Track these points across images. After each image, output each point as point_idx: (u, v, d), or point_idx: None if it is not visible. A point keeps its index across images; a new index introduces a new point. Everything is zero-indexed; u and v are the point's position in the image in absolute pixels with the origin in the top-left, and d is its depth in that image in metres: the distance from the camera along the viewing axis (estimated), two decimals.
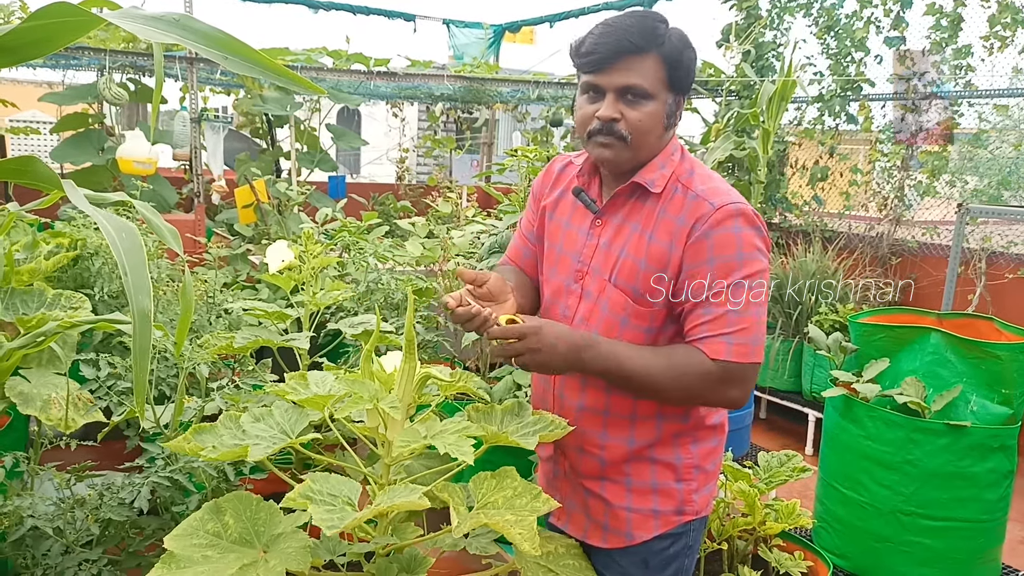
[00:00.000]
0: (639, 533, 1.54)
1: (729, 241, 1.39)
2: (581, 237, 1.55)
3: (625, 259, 1.47)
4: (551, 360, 1.36)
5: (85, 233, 2.90)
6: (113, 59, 5.04)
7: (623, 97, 1.41)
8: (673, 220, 1.43)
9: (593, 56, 1.41)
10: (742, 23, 5.72)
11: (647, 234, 1.45)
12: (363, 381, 1.37)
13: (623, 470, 1.54)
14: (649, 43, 1.39)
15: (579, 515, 1.62)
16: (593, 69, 1.42)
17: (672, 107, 1.46)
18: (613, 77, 1.40)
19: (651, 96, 1.41)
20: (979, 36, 4.60)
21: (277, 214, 4.98)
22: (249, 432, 1.36)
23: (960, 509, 2.60)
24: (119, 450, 2.09)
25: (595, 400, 1.52)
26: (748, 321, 1.39)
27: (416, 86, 6.45)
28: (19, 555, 1.57)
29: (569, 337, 1.38)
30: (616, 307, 1.47)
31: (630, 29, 1.39)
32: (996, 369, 2.63)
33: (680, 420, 1.53)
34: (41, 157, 1.15)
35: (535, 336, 1.34)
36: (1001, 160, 4.68)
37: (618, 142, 1.43)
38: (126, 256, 1.01)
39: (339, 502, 1.22)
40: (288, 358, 2.41)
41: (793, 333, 4.58)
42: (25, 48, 1.00)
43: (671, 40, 1.41)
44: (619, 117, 1.42)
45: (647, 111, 1.42)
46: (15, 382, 1.78)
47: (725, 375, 1.39)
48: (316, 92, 1.17)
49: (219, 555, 1.20)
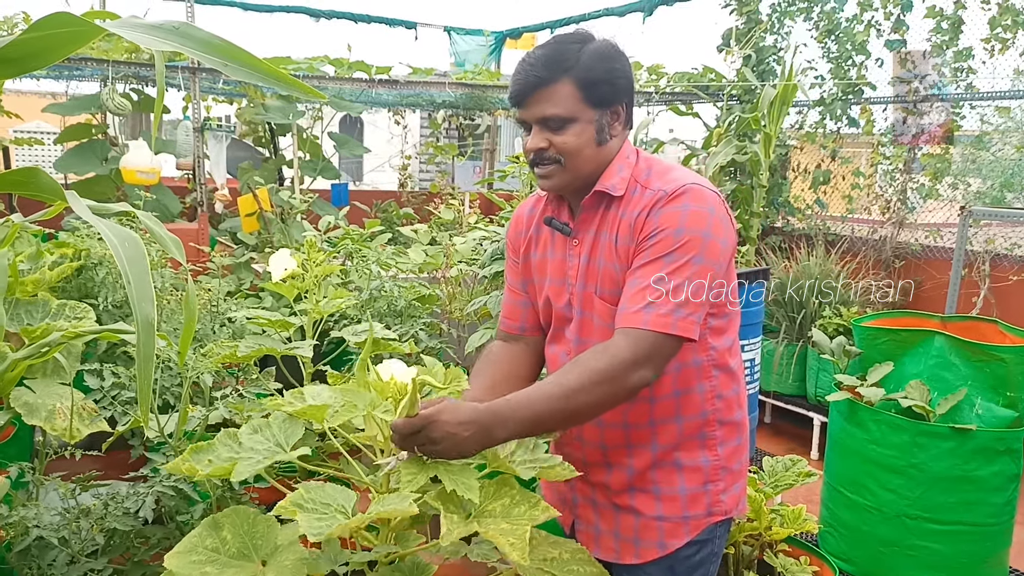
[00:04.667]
0: (671, 541, 1.54)
1: (672, 217, 1.41)
2: (564, 261, 1.58)
3: (604, 268, 1.49)
4: (459, 447, 1.26)
5: (89, 243, 2.91)
6: (116, 70, 5.06)
7: (546, 126, 1.46)
8: (631, 217, 1.46)
9: (512, 93, 1.49)
10: (743, 28, 5.73)
11: (613, 238, 1.48)
12: (358, 390, 1.37)
13: (650, 478, 1.54)
14: (555, 71, 1.43)
15: (608, 538, 1.60)
16: (515, 105, 1.49)
17: (601, 122, 1.48)
18: (531, 110, 1.46)
19: (570, 119, 1.45)
20: (980, 38, 4.60)
21: (280, 222, 4.99)
22: (245, 445, 1.36)
23: (966, 513, 2.58)
24: (124, 460, 2.09)
25: (611, 414, 1.49)
26: (671, 290, 1.36)
27: (418, 93, 6.46)
28: (25, 565, 1.57)
29: (474, 419, 1.27)
30: (606, 317, 1.48)
31: (536, 63, 1.44)
32: (1001, 372, 2.62)
33: (698, 417, 1.53)
34: (45, 167, 1.15)
35: (431, 425, 1.24)
36: (1004, 162, 4.67)
37: (555, 167, 1.48)
38: (129, 266, 1.01)
39: (331, 510, 1.22)
40: (292, 366, 2.41)
41: (797, 337, 4.58)
42: (27, 59, 1.01)
43: (583, 60, 1.43)
44: (546, 145, 1.46)
45: (572, 133, 1.45)
46: (20, 392, 1.79)
47: (619, 357, 1.34)
48: (317, 98, 1.17)
49: (218, 571, 1.20)
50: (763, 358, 4.23)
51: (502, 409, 1.30)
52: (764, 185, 5.04)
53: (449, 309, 3.52)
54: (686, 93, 6.31)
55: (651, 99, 6.52)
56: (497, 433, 1.29)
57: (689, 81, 6.17)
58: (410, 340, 2.60)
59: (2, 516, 1.57)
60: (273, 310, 3.18)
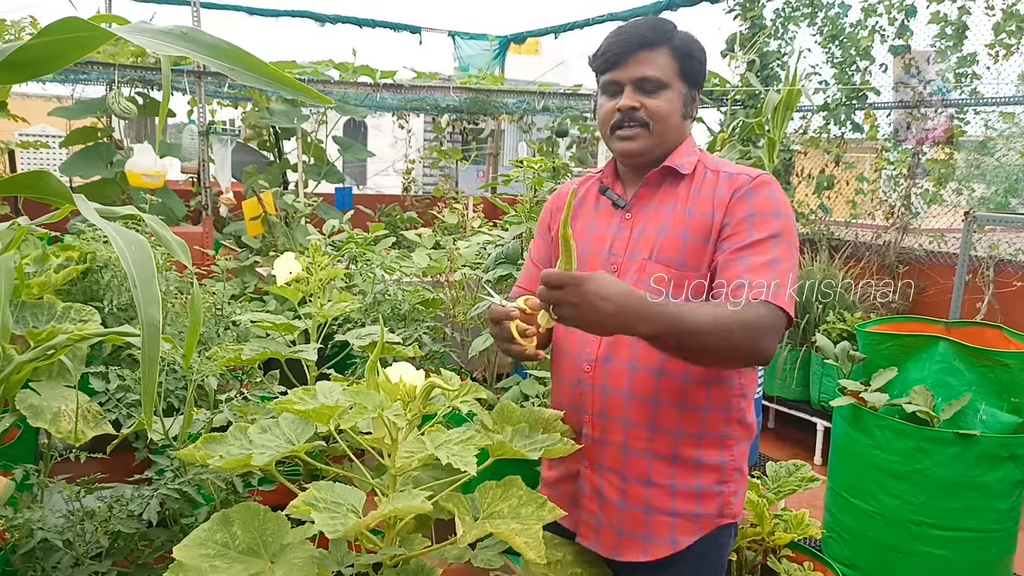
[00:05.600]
0: (682, 538, 1.53)
1: (767, 201, 1.47)
2: (609, 233, 1.60)
3: (666, 235, 1.51)
4: (594, 318, 1.23)
5: (94, 246, 2.93)
6: (122, 73, 5.08)
7: (640, 88, 1.51)
8: (711, 195, 1.50)
9: (609, 54, 1.52)
10: (747, 33, 5.73)
11: (686, 210, 1.51)
12: (368, 392, 1.37)
13: (669, 473, 1.53)
14: (660, 37, 1.50)
15: (609, 532, 1.58)
16: (610, 67, 1.52)
17: (687, 98, 1.55)
18: (629, 70, 1.50)
19: (666, 85, 1.51)
20: (984, 44, 4.60)
21: (284, 226, 5.00)
22: (256, 442, 1.37)
23: (971, 519, 2.58)
24: (128, 462, 2.10)
25: (643, 387, 1.50)
26: (783, 272, 1.41)
27: (422, 98, 6.48)
28: (29, 567, 1.57)
29: (621, 301, 1.24)
30: (660, 282, 1.49)
31: (642, 27, 1.51)
32: (1005, 378, 2.61)
33: (723, 411, 1.54)
34: (50, 170, 1.16)
35: (575, 288, 1.22)
36: (1008, 167, 4.67)
37: (641, 130, 1.52)
38: (136, 269, 1.02)
39: (343, 509, 1.22)
40: (296, 370, 2.41)
41: (801, 342, 4.57)
42: (37, 64, 1.02)
43: (680, 36, 1.52)
44: (639, 106, 1.51)
45: (665, 98, 1.51)
46: (25, 395, 1.79)
47: (763, 321, 1.36)
48: (323, 103, 1.18)
49: (227, 565, 1.20)
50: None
51: (652, 306, 1.28)
52: None
53: (453, 313, 3.53)
54: None
55: None
56: (639, 325, 1.27)
57: None
58: (414, 344, 2.60)
59: (7, 518, 1.58)
60: (277, 313, 3.19)
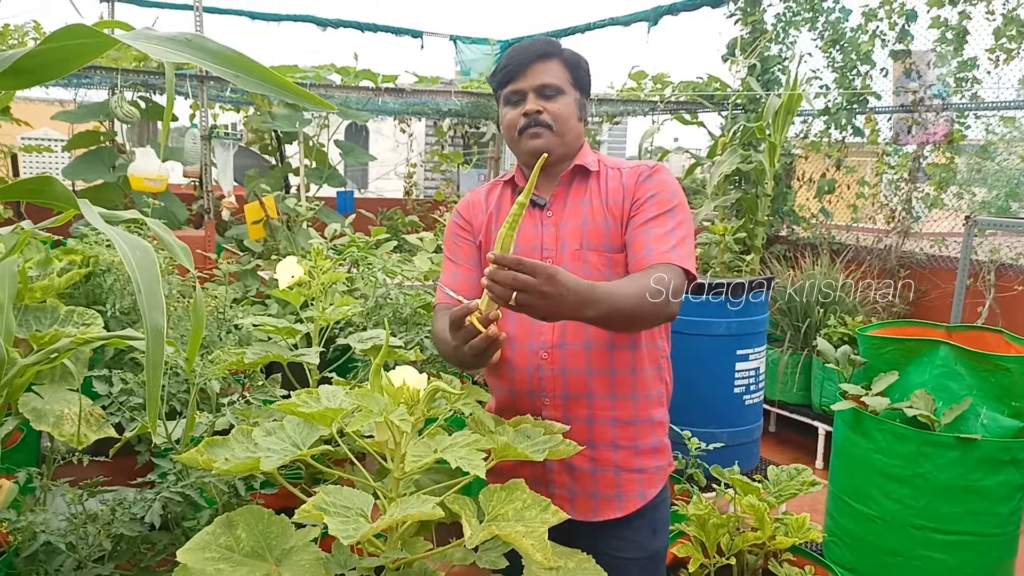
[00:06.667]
0: (649, 490, 1.74)
1: (664, 184, 1.69)
2: (536, 231, 1.74)
3: (590, 225, 1.70)
4: (555, 307, 1.34)
5: (97, 250, 2.93)
6: (124, 78, 5.09)
7: (541, 94, 1.69)
8: (619, 186, 1.71)
9: (511, 66, 1.70)
10: (747, 37, 5.74)
11: (602, 201, 1.71)
12: (373, 395, 1.37)
13: (632, 435, 1.72)
14: (553, 50, 1.71)
15: (584, 499, 1.72)
16: (512, 77, 1.70)
17: (580, 103, 1.75)
18: (530, 79, 1.69)
19: (563, 91, 1.70)
20: (984, 48, 4.61)
21: (286, 230, 5.01)
22: (261, 445, 1.37)
23: (972, 523, 2.58)
24: (131, 466, 2.10)
25: (601, 361, 1.67)
26: (681, 238, 1.63)
27: (423, 102, 6.49)
28: (32, 570, 1.58)
29: (578, 291, 1.37)
30: (599, 265, 1.68)
31: (537, 42, 1.72)
32: (1006, 382, 2.61)
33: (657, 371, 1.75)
34: (53, 174, 1.17)
35: (549, 280, 1.31)
36: (1009, 172, 4.67)
37: (546, 130, 1.69)
38: (140, 274, 1.02)
39: (352, 514, 1.22)
40: (298, 373, 2.42)
41: (802, 346, 4.57)
42: (42, 69, 1.02)
43: (568, 50, 1.74)
44: (541, 109, 1.68)
45: (563, 102, 1.70)
46: (28, 398, 1.80)
47: (670, 283, 1.54)
48: (325, 108, 1.19)
49: (232, 568, 1.20)
50: (768, 367, 4.22)
51: (598, 292, 1.43)
52: (769, 194, 5.05)
53: None
54: (691, 102, 6.32)
55: (656, 108, 6.54)
56: (586, 310, 1.41)
57: (694, 90, 6.18)
58: (415, 348, 2.61)
59: (10, 521, 1.58)
60: (279, 317, 3.19)
